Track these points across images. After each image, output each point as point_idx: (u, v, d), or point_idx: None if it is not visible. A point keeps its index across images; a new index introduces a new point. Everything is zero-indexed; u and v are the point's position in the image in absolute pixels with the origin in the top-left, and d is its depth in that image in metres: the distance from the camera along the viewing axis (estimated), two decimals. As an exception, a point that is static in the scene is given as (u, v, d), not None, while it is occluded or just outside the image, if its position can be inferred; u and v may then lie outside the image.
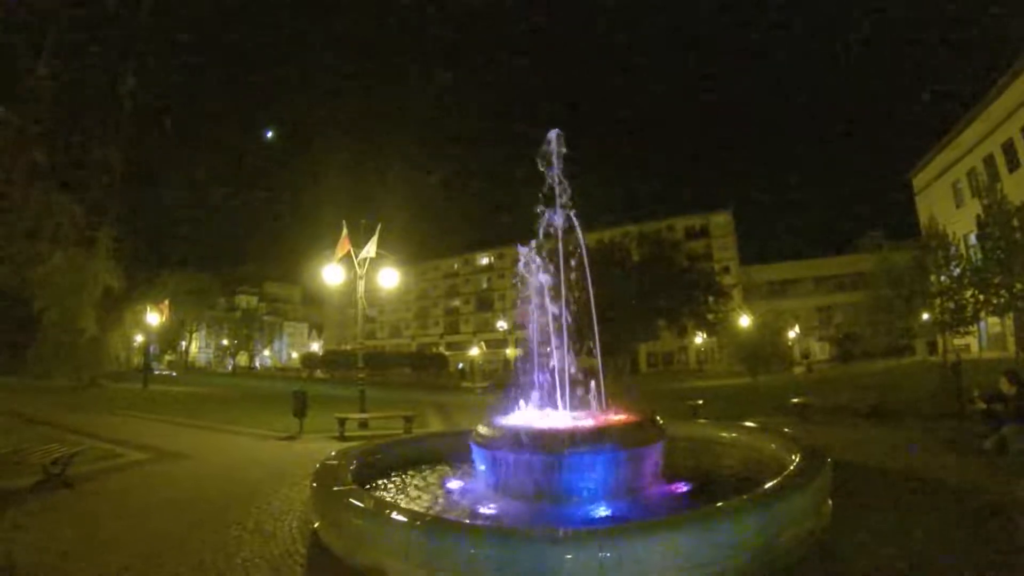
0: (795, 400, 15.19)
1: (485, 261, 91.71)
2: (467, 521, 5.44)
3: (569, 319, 7.85)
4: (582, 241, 8.32)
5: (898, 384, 20.65)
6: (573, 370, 7.84)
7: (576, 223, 8.31)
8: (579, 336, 9.15)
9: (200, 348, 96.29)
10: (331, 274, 17.26)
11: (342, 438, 13.17)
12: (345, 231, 16.47)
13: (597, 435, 6.25)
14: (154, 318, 34.34)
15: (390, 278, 18.18)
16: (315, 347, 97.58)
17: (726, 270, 68.51)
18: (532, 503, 6.03)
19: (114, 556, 5.23)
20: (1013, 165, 32.11)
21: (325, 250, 18.00)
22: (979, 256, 27.48)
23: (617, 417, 7.22)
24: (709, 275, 53.58)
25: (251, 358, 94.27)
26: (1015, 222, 24.14)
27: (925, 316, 35.19)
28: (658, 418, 7.20)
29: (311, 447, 11.97)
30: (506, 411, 7.61)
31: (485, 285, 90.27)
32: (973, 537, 5.02)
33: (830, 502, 5.64)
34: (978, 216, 27.40)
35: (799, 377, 36.42)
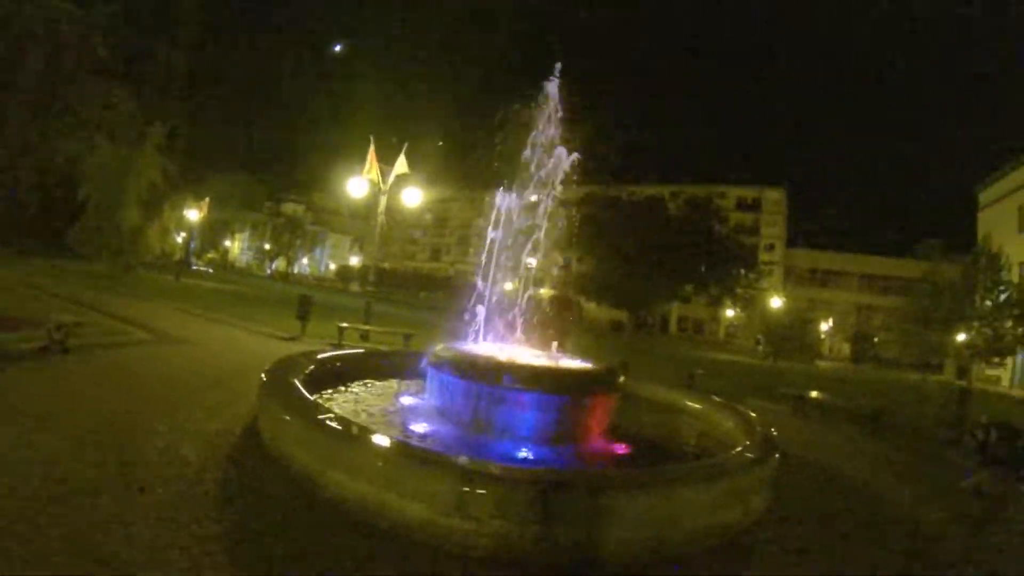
0: (794, 392, 14.66)
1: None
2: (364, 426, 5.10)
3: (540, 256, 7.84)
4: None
5: (909, 398, 20.06)
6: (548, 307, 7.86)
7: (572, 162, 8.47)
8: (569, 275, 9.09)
9: (242, 249, 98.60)
10: (355, 187, 17.78)
11: (339, 346, 13.23)
12: (372, 147, 16.72)
13: (539, 374, 6.21)
14: (193, 213, 35.39)
15: (413, 196, 18.73)
16: (354, 260, 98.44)
17: (771, 247, 67.39)
18: (467, 431, 6.08)
19: (84, 416, 5.63)
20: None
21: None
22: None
23: (574, 362, 7.13)
24: (748, 248, 51.93)
25: (290, 264, 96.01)
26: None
27: (961, 336, 33.20)
28: (621, 374, 7.07)
29: (305, 348, 12.29)
30: (467, 337, 7.66)
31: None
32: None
33: (762, 497, 5.06)
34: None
35: (819, 371, 35.59)
